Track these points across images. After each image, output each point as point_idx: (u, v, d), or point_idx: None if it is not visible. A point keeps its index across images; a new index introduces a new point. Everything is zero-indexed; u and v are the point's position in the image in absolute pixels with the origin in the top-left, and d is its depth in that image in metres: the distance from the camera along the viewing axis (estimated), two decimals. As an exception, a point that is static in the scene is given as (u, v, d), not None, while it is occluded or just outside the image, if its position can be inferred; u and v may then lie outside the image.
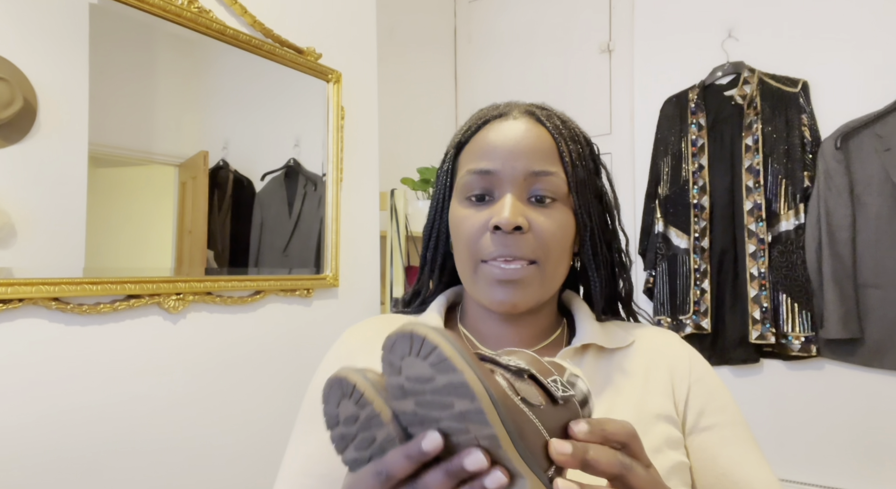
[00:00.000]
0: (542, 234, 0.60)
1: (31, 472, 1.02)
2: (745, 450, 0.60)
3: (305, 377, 1.65)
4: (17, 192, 1.00)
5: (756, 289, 1.91)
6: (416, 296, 0.75)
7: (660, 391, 0.61)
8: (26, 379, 1.02)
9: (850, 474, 1.82)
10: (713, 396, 0.62)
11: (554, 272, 0.62)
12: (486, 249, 0.60)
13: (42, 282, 1.02)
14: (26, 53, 1.02)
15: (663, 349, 0.66)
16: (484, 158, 0.62)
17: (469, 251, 0.61)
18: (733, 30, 2.04)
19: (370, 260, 1.78)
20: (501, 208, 0.59)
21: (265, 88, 1.48)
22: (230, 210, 1.39)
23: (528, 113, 0.65)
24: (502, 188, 0.60)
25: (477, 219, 0.61)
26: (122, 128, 1.18)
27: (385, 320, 0.73)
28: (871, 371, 1.80)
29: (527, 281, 0.59)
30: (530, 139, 0.61)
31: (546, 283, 0.62)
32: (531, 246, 0.59)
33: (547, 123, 0.63)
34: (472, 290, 0.63)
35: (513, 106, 0.67)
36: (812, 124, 1.90)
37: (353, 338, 0.71)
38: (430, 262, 0.72)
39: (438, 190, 0.69)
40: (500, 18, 2.59)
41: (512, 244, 0.58)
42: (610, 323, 0.69)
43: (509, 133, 0.62)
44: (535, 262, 0.60)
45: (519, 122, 0.63)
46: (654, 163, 2.14)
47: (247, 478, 1.37)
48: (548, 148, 0.62)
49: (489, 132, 0.63)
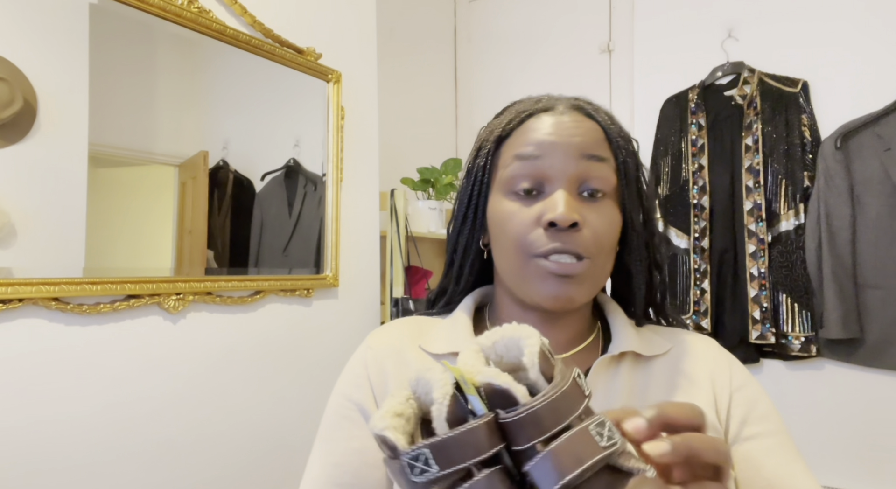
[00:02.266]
0: (596, 231, 0.58)
1: (31, 472, 1.02)
2: (790, 459, 0.58)
3: (305, 377, 1.66)
4: (17, 192, 1.00)
5: (756, 289, 1.91)
6: (441, 296, 0.73)
7: (701, 400, 0.59)
8: (26, 379, 1.02)
9: (849, 474, 1.82)
10: (755, 405, 0.60)
11: (603, 269, 0.61)
12: (540, 244, 0.57)
13: (42, 282, 1.02)
14: (26, 53, 1.02)
15: (702, 356, 0.63)
16: (531, 148, 0.60)
17: (518, 246, 0.59)
18: (733, 30, 2.04)
19: (370, 260, 1.78)
20: (556, 204, 0.57)
21: (265, 88, 1.48)
22: (230, 210, 1.39)
23: (575, 107, 0.63)
24: (552, 183, 0.59)
25: (527, 214, 0.59)
26: (122, 128, 1.18)
27: (409, 324, 0.70)
28: (870, 371, 1.80)
29: (582, 276, 0.58)
30: (581, 130, 0.60)
31: (597, 280, 0.60)
32: (585, 242, 0.57)
33: (596, 116, 0.62)
34: (518, 286, 0.61)
35: (556, 99, 0.65)
36: (812, 124, 1.90)
37: (379, 346, 0.67)
38: (459, 260, 0.68)
39: (472, 185, 0.66)
40: (500, 18, 2.59)
41: (568, 240, 0.57)
42: (645, 328, 0.67)
43: (558, 126, 0.60)
44: (590, 258, 0.58)
45: (567, 116, 0.61)
46: (653, 163, 2.14)
47: (247, 478, 1.37)
48: (599, 138, 0.60)
49: (535, 124, 0.61)
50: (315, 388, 1.55)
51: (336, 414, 0.64)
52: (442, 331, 0.66)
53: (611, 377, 0.60)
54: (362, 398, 0.63)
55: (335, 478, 0.60)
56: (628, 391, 0.59)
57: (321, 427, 0.65)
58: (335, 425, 0.63)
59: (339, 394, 0.65)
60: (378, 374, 0.63)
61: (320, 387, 1.56)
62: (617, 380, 0.60)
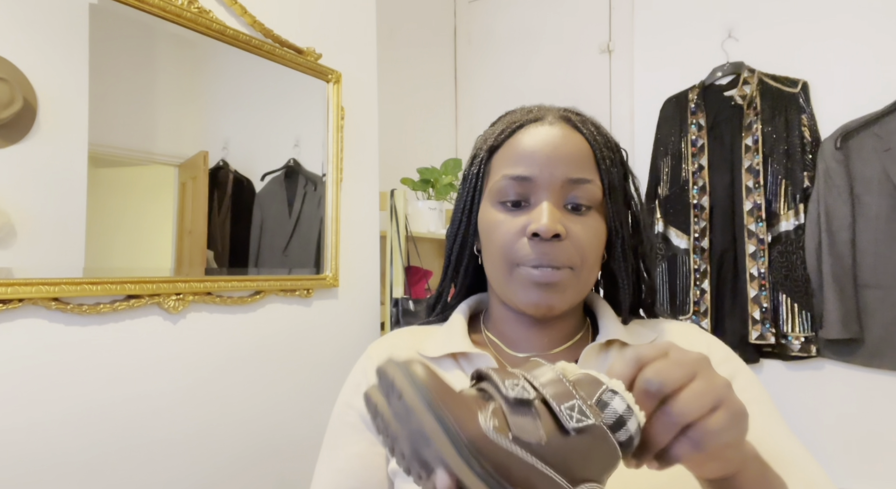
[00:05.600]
0: (580, 242, 0.60)
1: (31, 473, 1.02)
2: (772, 423, 0.60)
3: (305, 377, 1.66)
4: (17, 192, 1.00)
5: (756, 290, 1.91)
6: (439, 300, 0.75)
7: None
8: (26, 379, 1.02)
9: (849, 474, 1.82)
10: (735, 377, 0.63)
11: (588, 278, 0.63)
12: (523, 254, 0.60)
13: (42, 282, 1.02)
14: (26, 53, 1.02)
15: (683, 339, 0.66)
16: (521, 164, 0.62)
17: (503, 255, 0.62)
18: (733, 30, 2.04)
19: (370, 260, 1.78)
20: (540, 215, 0.59)
21: (265, 88, 1.48)
22: (230, 210, 1.39)
23: (563, 118, 0.65)
24: (539, 194, 0.61)
25: (513, 224, 0.61)
26: (122, 128, 1.18)
27: (407, 334, 0.73)
28: (870, 371, 1.80)
29: (563, 285, 0.60)
30: (568, 146, 0.62)
31: (580, 288, 0.63)
32: (568, 253, 0.60)
33: (583, 129, 0.64)
34: (504, 293, 0.64)
35: (546, 110, 0.66)
36: (812, 124, 1.90)
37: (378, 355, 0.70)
38: (453, 265, 0.72)
39: (466, 193, 0.69)
40: (500, 18, 2.59)
41: (550, 251, 0.59)
42: (632, 323, 0.70)
43: (547, 139, 0.62)
44: (572, 269, 0.61)
45: (555, 128, 0.63)
46: (653, 163, 2.14)
47: (247, 478, 1.37)
48: (585, 155, 0.62)
49: (525, 137, 0.63)
50: (315, 388, 1.55)
51: (339, 421, 0.67)
52: (438, 336, 0.69)
53: (599, 364, 0.63)
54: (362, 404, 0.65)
55: (339, 482, 0.63)
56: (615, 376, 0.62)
57: (326, 436, 0.68)
58: (338, 432, 0.66)
59: (341, 404, 0.68)
60: None
61: (320, 387, 1.56)
62: (605, 366, 0.63)
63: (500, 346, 0.68)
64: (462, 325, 0.68)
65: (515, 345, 0.67)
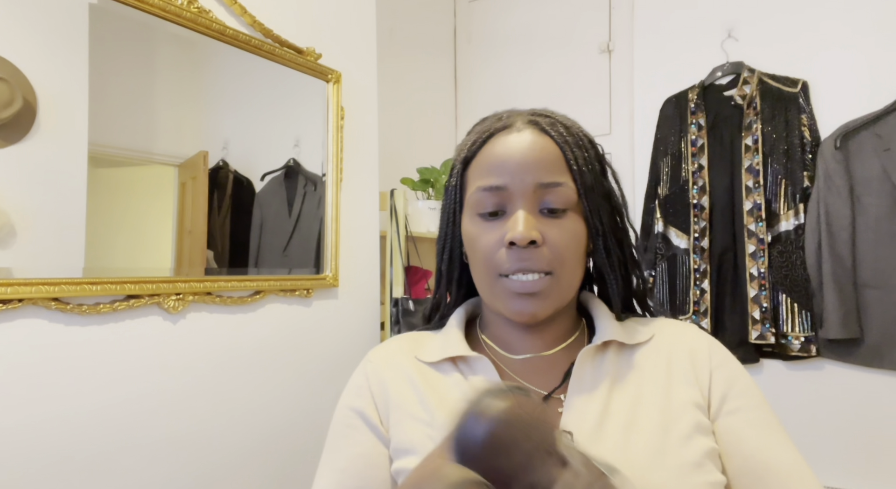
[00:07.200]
0: (557, 246, 0.61)
1: (31, 473, 1.02)
2: (770, 431, 0.60)
3: (305, 376, 1.66)
4: (17, 192, 1.00)
5: (756, 290, 1.91)
6: (435, 311, 0.76)
7: (684, 380, 0.62)
8: (26, 379, 1.02)
9: (848, 474, 1.82)
10: (735, 381, 0.63)
11: (570, 280, 0.64)
12: (503, 264, 0.61)
13: (42, 282, 1.02)
14: (26, 53, 1.02)
15: (682, 340, 0.67)
16: (493, 174, 0.63)
17: (486, 266, 0.63)
18: (733, 30, 2.04)
19: (370, 260, 1.78)
20: (515, 223, 0.60)
21: (265, 88, 1.48)
22: (230, 210, 1.39)
23: (531, 123, 0.65)
24: (514, 203, 0.62)
25: (491, 235, 0.62)
26: (122, 128, 1.18)
27: (406, 340, 0.74)
28: (870, 371, 1.80)
29: (544, 292, 0.61)
30: (536, 151, 0.62)
31: (563, 292, 0.63)
32: (546, 258, 0.61)
33: (551, 132, 0.64)
34: (491, 302, 0.65)
35: (515, 115, 0.67)
36: (812, 124, 1.90)
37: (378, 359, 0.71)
38: (445, 275, 0.73)
39: (448, 205, 0.70)
40: (500, 18, 2.59)
41: (527, 258, 0.60)
42: (629, 320, 0.70)
43: (515, 146, 0.63)
44: (551, 273, 0.61)
45: (524, 135, 0.63)
46: (653, 163, 2.14)
47: (247, 477, 1.37)
48: (555, 158, 0.63)
49: (495, 146, 0.64)
50: (315, 388, 1.55)
51: (340, 424, 0.68)
52: (436, 342, 0.70)
53: (596, 365, 0.63)
54: (363, 405, 0.67)
55: (342, 482, 0.63)
56: (612, 378, 0.62)
57: (327, 439, 0.69)
58: (339, 434, 0.67)
59: (342, 406, 0.69)
60: (378, 384, 0.67)
61: (320, 387, 1.56)
62: (602, 368, 0.63)
63: (497, 350, 0.68)
64: (459, 330, 0.69)
65: (511, 349, 0.68)
